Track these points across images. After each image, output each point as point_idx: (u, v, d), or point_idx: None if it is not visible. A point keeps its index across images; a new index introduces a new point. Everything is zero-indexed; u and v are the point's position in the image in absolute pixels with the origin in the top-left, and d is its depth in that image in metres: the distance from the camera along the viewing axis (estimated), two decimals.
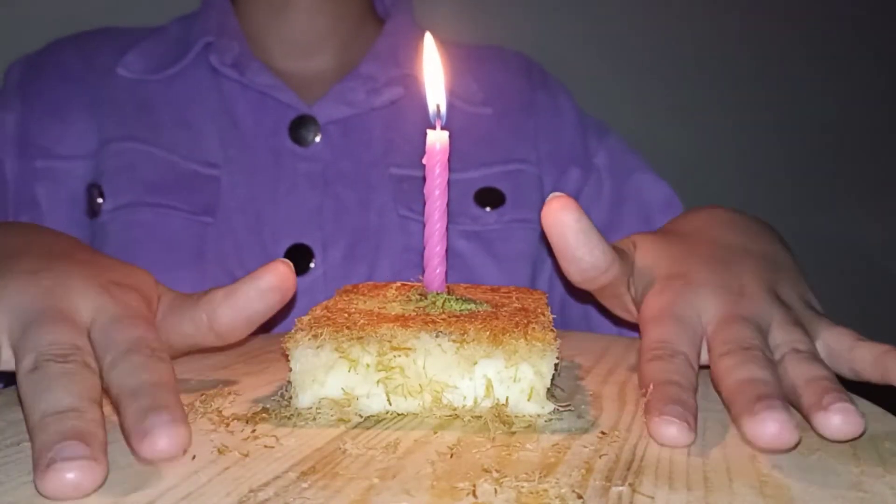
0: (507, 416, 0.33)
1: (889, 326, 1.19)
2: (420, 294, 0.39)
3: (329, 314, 0.36)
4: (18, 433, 0.31)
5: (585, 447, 0.30)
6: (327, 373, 0.34)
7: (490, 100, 0.74)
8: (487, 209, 0.68)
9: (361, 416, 0.33)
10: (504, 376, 0.33)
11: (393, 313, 0.36)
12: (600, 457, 0.29)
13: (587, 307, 0.69)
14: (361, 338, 0.33)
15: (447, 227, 0.39)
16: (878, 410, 0.35)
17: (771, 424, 0.29)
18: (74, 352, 0.32)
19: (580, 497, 0.25)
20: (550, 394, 0.34)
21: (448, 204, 0.39)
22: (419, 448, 0.30)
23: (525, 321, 0.34)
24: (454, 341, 0.33)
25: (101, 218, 0.63)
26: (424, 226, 0.39)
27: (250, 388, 0.38)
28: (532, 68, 0.79)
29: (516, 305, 0.38)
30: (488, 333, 0.33)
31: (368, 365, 0.33)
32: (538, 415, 0.33)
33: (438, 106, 0.40)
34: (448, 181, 0.39)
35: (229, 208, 0.64)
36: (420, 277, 0.40)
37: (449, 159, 0.39)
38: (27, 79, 0.69)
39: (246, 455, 0.29)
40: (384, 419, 0.33)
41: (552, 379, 0.34)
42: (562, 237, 0.39)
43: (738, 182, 1.12)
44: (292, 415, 0.33)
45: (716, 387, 0.36)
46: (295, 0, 0.70)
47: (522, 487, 0.26)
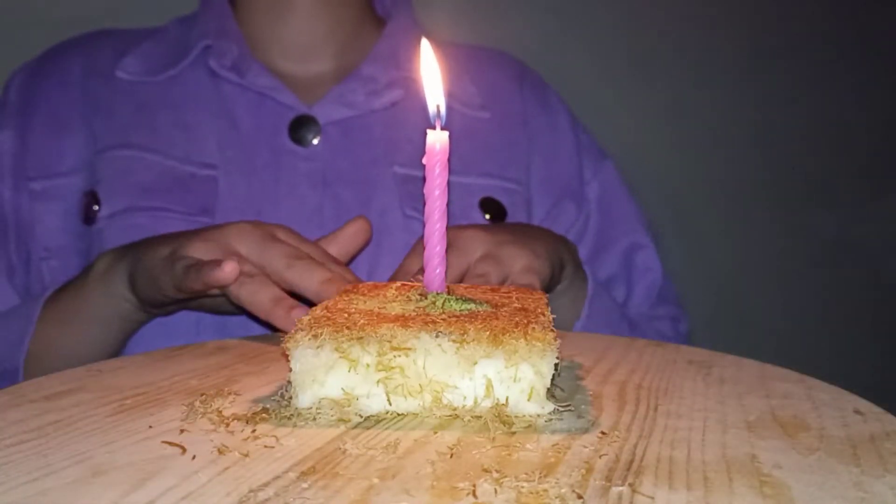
0: (507, 416, 0.33)
1: (889, 326, 1.19)
2: (420, 294, 0.39)
3: (329, 314, 0.36)
4: (18, 433, 0.31)
5: (585, 447, 0.30)
6: (327, 373, 0.34)
7: (488, 104, 0.74)
8: (487, 217, 0.69)
9: (361, 416, 0.33)
10: (504, 376, 0.33)
11: (393, 313, 0.36)
12: (600, 457, 0.29)
13: None
14: (361, 338, 0.33)
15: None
16: (878, 410, 0.35)
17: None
18: (296, 253, 0.51)
19: (580, 497, 0.25)
20: (550, 394, 0.34)
21: (449, 205, 0.39)
22: (419, 448, 0.30)
23: (525, 321, 0.34)
24: (454, 341, 0.33)
25: (98, 224, 0.64)
26: (424, 225, 0.39)
27: (250, 388, 0.38)
28: (526, 75, 0.79)
29: (516, 305, 0.38)
30: (488, 333, 0.33)
31: (368, 365, 0.33)
32: (538, 415, 0.33)
33: (438, 106, 0.40)
34: (448, 182, 0.39)
35: (227, 208, 0.64)
36: (420, 277, 0.40)
37: (449, 160, 0.39)
38: (27, 92, 0.69)
39: (246, 455, 0.29)
40: (384, 419, 0.33)
41: (552, 379, 0.34)
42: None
43: (739, 182, 1.12)
44: (292, 415, 0.33)
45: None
46: (295, 2, 0.70)
47: (522, 487, 0.26)
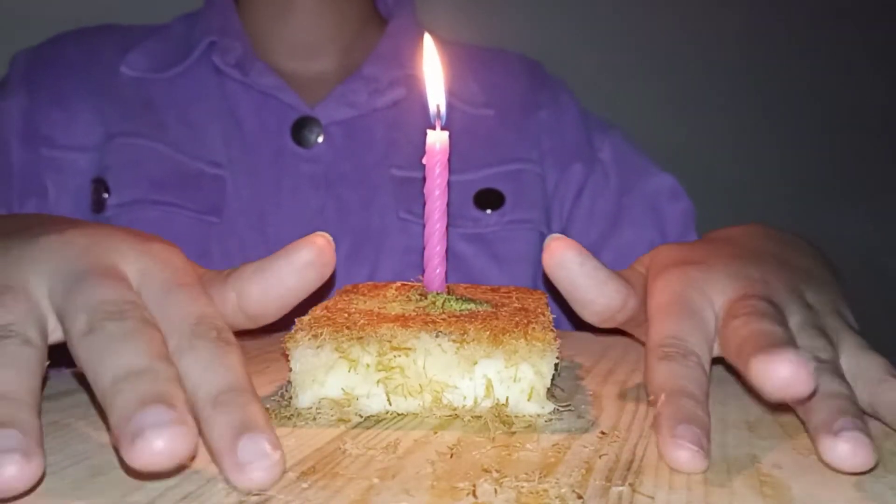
0: (507, 416, 0.33)
1: (889, 326, 1.19)
2: (420, 294, 0.39)
3: (329, 314, 0.36)
4: None
5: (585, 447, 0.30)
6: (327, 373, 0.34)
7: (492, 102, 0.73)
8: (487, 211, 0.68)
9: (361, 416, 0.33)
10: (504, 376, 0.33)
11: (393, 313, 0.36)
12: (600, 457, 0.29)
13: None
14: (361, 338, 0.33)
15: (448, 230, 0.39)
16: None
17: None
18: (130, 308, 0.29)
19: (580, 497, 0.25)
20: (550, 394, 0.34)
21: (448, 205, 0.39)
22: (419, 448, 0.30)
23: (525, 321, 0.34)
24: (454, 341, 0.33)
25: (107, 213, 0.63)
26: (424, 226, 0.39)
27: None
28: (533, 69, 0.79)
29: (516, 305, 0.38)
30: (488, 333, 0.33)
31: (368, 365, 0.33)
32: (538, 415, 0.33)
33: (438, 106, 0.40)
34: (448, 182, 0.39)
35: (233, 208, 0.64)
36: (420, 277, 0.40)
37: (449, 160, 0.39)
38: (32, 68, 0.69)
39: None
40: (384, 419, 0.33)
41: (552, 379, 0.34)
42: (569, 282, 0.36)
43: (739, 182, 1.12)
44: (292, 415, 0.33)
45: (724, 349, 0.34)
46: (298, 1, 0.70)
47: (522, 487, 0.26)
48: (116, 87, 0.68)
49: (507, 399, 0.33)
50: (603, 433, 0.32)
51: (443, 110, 0.40)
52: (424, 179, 0.38)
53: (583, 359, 0.44)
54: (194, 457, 0.25)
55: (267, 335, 0.52)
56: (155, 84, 0.68)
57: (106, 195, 0.64)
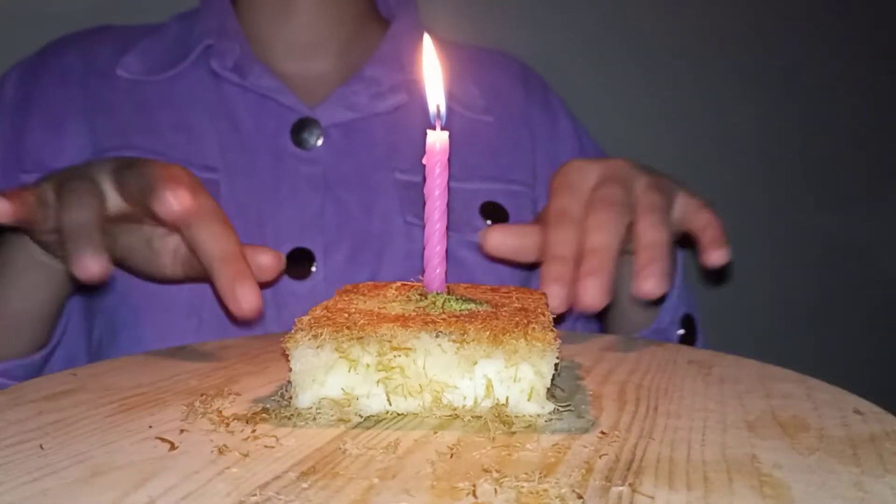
0: (507, 416, 0.33)
1: (889, 326, 1.19)
2: (420, 294, 0.39)
3: (329, 314, 0.36)
4: (18, 433, 0.31)
5: (585, 447, 0.30)
6: (327, 373, 0.34)
7: (491, 107, 0.73)
8: (488, 222, 0.68)
9: (361, 416, 0.33)
10: (504, 376, 0.33)
11: (393, 313, 0.36)
12: (600, 457, 0.29)
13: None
14: (361, 338, 0.33)
15: (451, 236, 0.39)
16: (878, 410, 0.35)
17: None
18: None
19: (580, 497, 0.25)
20: (550, 394, 0.34)
21: (450, 211, 0.39)
22: (419, 448, 0.30)
23: (525, 321, 0.34)
24: (454, 341, 0.33)
25: None
26: (424, 226, 0.39)
27: (250, 388, 0.38)
28: (529, 78, 0.79)
29: (516, 305, 0.38)
30: (488, 333, 0.33)
31: (368, 365, 0.33)
32: (538, 415, 0.33)
33: (438, 106, 0.40)
34: (448, 182, 0.39)
35: (229, 211, 0.64)
36: (420, 277, 0.40)
37: (451, 163, 0.39)
38: (24, 86, 0.68)
39: (246, 455, 0.29)
40: (384, 419, 0.33)
41: (552, 379, 0.34)
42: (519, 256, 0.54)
43: (738, 183, 1.12)
44: (292, 415, 0.33)
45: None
46: (297, 1, 0.70)
47: (522, 487, 0.26)
48: (110, 94, 0.67)
49: (507, 399, 0.33)
50: (603, 433, 0.32)
51: (443, 110, 0.40)
52: (424, 179, 0.38)
53: (583, 359, 0.44)
54: None
55: (267, 335, 0.52)
56: (151, 87, 0.68)
57: None
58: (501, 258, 0.55)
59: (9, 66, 0.70)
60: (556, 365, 0.34)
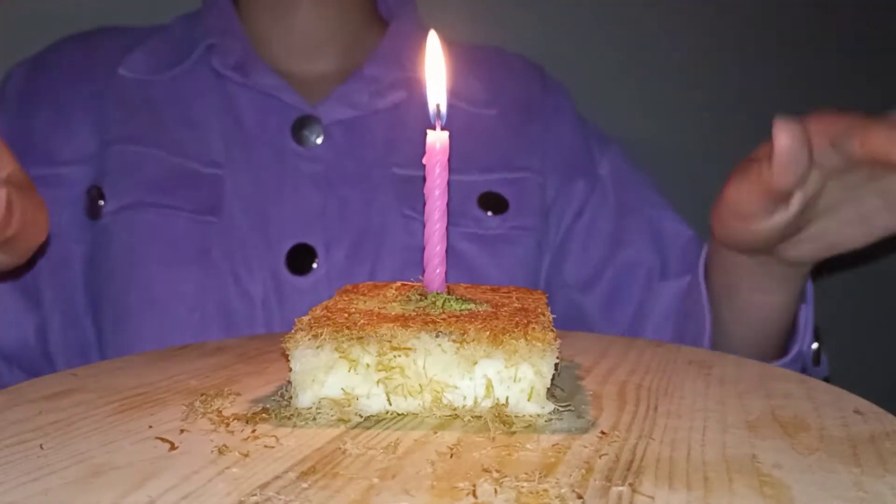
0: (507, 416, 0.33)
1: (889, 326, 1.19)
2: (420, 294, 0.39)
3: (329, 314, 0.36)
4: (18, 433, 0.31)
5: (585, 447, 0.30)
6: (327, 373, 0.34)
7: (493, 101, 0.73)
8: (489, 213, 0.68)
9: (361, 416, 0.33)
10: (504, 376, 0.33)
11: (393, 313, 0.36)
12: (600, 457, 0.29)
13: (580, 307, 0.69)
14: (361, 338, 0.33)
15: (450, 229, 0.39)
16: (879, 410, 0.35)
17: None
18: None
19: (580, 497, 0.25)
20: (550, 394, 0.34)
21: (449, 204, 0.39)
22: (419, 448, 0.30)
23: (525, 321, 0.34)
24: (454, 341, 0.33)
25: (103, 220, 0.63)
26: (424, 226, 0.39)
27: (250, 388, 0.38)
28: (533, 70, 0.79)
29: (516, 305, 0.38)
30: (488, 333, 0.33)
31: (368, 365, 0.33)
32: (538, 415, 0.33)
33: (438, 106, 0.40)
34: (448, 181, 0.39)
35: (233, 208, 0.64)
36: (420, 277, 0.40)
37: (451, 160, 0.39)
38: (30, 80, 0.69)
39: (246, 455, 0.29)
40: (384, 419, 0.33)
41: (552, 379, 0.34)
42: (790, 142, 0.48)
43: None
44: (292, 415, 0.33)
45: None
46: (298, 1, 0.70)
47: (522, 487, 0.26)
48: (116, 90, 0.68)
49: (507, 399, 0.33)
50: (603, 433, 0.32)
51: (443, 110, 0.40)
52: (424, 179, 0.38)
53: (583, 359, 0.44)
54: None
55: (267, 335, 0.52)
56: (154, 85, 0.68)
57: (101, 202, 0.64)
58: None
59: (13, 66, 0.71)
60: (556, 365, 0.34)
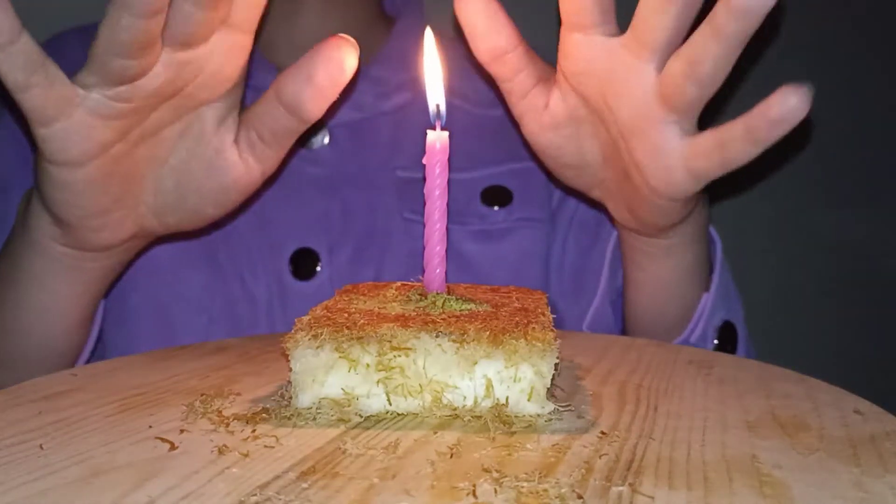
0: (507, 416, 0.33)
1: (889, 326, 1.19)
2: (420, 294, 0.39)
3: (329, 314, 0.36)
4: (18, 433, 0.31)
5: (585, 447, 0.30)
6: (327, 373, 0.34)
7: (501, 100, 0.73)
8: (495, 208, 0.67)
9: (361, 416, 0.33)
10: (504, 376, 0.33)
11: (393, 313, 0.36)
12: (600, 457, 0.29)
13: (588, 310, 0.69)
14: (361, 338, 0.33)
15: (455, 229, 0.39)
16: (878, 410, 0.35)
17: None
18: None
19: (580, 497, 0.25)
20: (550, 394, 0.34)
21: (453, 203, 0.39)
22: (419, 448, 0.30)
23: (525, 321, 0.34)
24: (454, 341, 0.33)
25: None
26: (424, 226, 0.39)
27: (250, 388, 0.38)
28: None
29: (516, 305, 0.38)
30: (488, 333, 0.33)
31: (368, 365, 0.33)
32: (538, 415, 0.33)
33: (438, 106, 0.40)
34: (448, 181, 0.39)
35: (235, 211, 0.64)
36: (420, 278, 0.40)
37: (455, 159, 0.39)
38: None
39: (246, 455, 0.29)
40: (384, 419, 0.33)
41: (552, 379, 0.34)
42: (472, 15, 0.46)
43: (738, 182, 1.12)
44: (292, 415, 0.33)
45: None
46: (305, 2, 0.70)
47: (522, 487, 0.26)
48: None
49: (507, 399, 0.33)
50: (603, 433, 0.32)
51: (443, 110, 0.40)
52: (424, 179, 0.38)
53: (583, 359, 0.44)
54: None
55: (267, 335, 0.52)
56: None
57: None
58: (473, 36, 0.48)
59: None
60: (556, 365, 0.34)
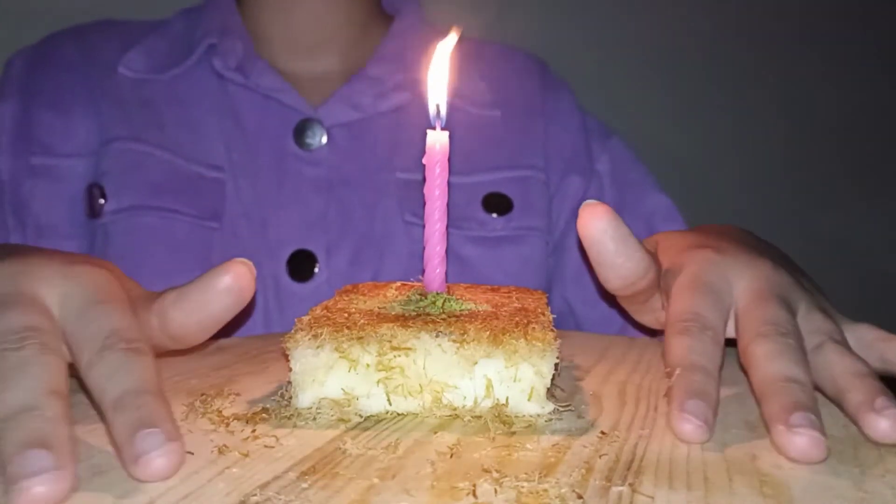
0: (507, 416, 0.33)
1: (889, 327, 1.19)
2: (420, 294, 0.39)
3: (329, 314, 0.36)
4: None
5: (585, 447, 0.30)
6: (327, 373, 0.34)
7: (499, 102, 0.72)
8: (494, 215, 0.67)
9: (361, 416, 0.33)
10: (504, 376, 0.33)
11: (393, 313, 0.36)
12: (600, 457, 0.29)
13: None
14: (361, 338, 0.33)
15: (454, 233, 0.39)
16: None
17: (804, 440, 0.29)
18: (30, 334, 0.30)
19: (580, 497, 0.25)
20: (550, 394, 0.34)
21: (453, 207, 0.39)
22: (419, 448, 0.30)
23: (525, 321, 0.34)
24: (454, 341, 0.33)
25: (103, 219, 0.63)
26: (424, 226, 0.39)
27: (250, 388, 0.38)
28: (540, 70, 0.78)
29: (516, 305, 0.38)
30: (488, 333, 0.33)
31: (368, 365, 0.33)
32: (538, 415, 0.33)
33: (438, 106, 0.40)
34: (449, 182, 0.39)
35: (235, 213, 0.63)
36: (420, 278, 0.40)
37: (456, 162, 0.38)
38: (29, 70, 0.68)
39: (246, 455, 0.29)
40: (384, 419, 0.33)
41: (552, 379, 0.34)
42: (600, 244, 0.38)
43: (739, 181, 1.12)
44: (292, 415, 0.33)
45: (745, 368, 0.36)
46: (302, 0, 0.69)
47: (522, 487, 0.26)
48: (115, 88, 0.67)
49: (507, 399, 0.33)
50: (603, 433, 0.32)
51: (443, 111, 0.40)
52: (424, 180, 0.38)
53: (583, 359, 0.44)
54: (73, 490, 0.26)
55: (267, 335, 0.52)
56: (154, 84, 0.67)
57: (102, 201, 0.63)
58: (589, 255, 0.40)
59: (11, 54, 0.70)
60: (556, 365, 0.34)
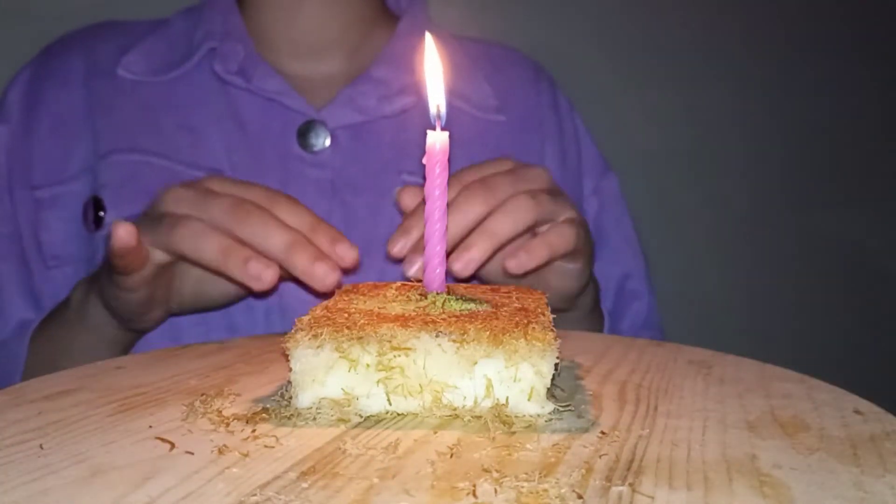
0: (507, 416, 0.33)
1: (889, 326, 1.19)
2: (420, 294, 0.39)
3: (329, 314, 0.36)
4: (18, 433, 0.31)
5: (585, 447, 0.30)
6: (327, 373, 0.34)
7: (504, 106, 0.72)
8: None
9: (361, 416, 0.33)
10: (504, 376, 0.33)
11: (393, 313, 0.36)
12: (600, 457, 0.29)
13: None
14: (361, 338, 0.33)
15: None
16: (878, 410, 0.35)
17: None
18: (245, 206, 0.52)
19: (580, 497, 0.25)
20: (550, 394, 0.34)
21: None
22: (419, 448, 0.30)
23: (525, 321, 0.34)
24: (454, 341, 0.33)
25: (104, 231, 0.63)
26: (425, 226, 0.39)
27: (250, 388, 0.38)
28: (541, 77, 0.78)
29: (516, 305, 0.38)
30: (488, 333, 0.33)
31: (368, 365, 0.33)
32: (538, 415, 0.33)
33: (438, 107, 0.40)
34: (448, 182, 0.39)
35: None
36: (420, 278, 0.40)
37: (459, 163, 0.38)
38: (30, 96, 0.67)
39: (246, 455, 0.29)
40: (384, 419, 0.33)
41: (552, 379, 0.34)
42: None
43: (740, 181, 1.12)
44: (292, 415, 0.33)
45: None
46: (305, 1, 0.69)
47: (522, 487, 0.26)
48: (113, 96, 0.67)
49: (507, 399, 0.33)
50: (603, 433, 0.32)
51: (443, 111, 0.40)
52: (424, 179, 0.38)
53: (583, 359, 0.44)
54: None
55: (267, 335, 0.52)
56: (154, 87, 0.67)
57: (102, 213, 0.63)
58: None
59: (8, 65, 0.70)
60: (556, 365, 0.34)
